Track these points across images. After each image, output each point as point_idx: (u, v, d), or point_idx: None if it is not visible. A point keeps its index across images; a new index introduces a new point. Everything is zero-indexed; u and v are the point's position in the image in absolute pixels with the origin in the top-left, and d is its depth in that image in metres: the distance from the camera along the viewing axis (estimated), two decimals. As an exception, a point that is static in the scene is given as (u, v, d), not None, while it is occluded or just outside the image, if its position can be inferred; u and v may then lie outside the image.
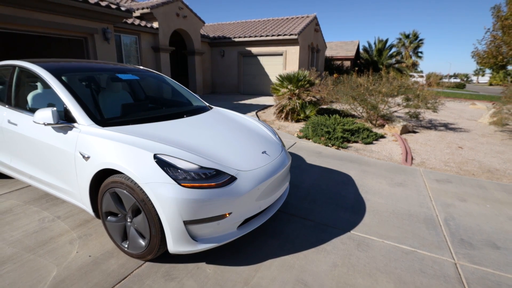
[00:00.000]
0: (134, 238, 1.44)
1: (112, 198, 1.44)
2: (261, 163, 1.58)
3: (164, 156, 1.34)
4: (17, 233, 1.69)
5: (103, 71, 2.23)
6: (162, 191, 1.25)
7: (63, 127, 1.60)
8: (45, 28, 4.52)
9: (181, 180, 1.28)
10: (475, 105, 9.10)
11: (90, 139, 1.49)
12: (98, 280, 1.33)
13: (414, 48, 27.60)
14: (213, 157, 1.45)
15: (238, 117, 2.25)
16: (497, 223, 1.98)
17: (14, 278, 1.34)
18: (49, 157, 1.67)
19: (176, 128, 1.70)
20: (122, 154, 1.37)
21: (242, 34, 10.26)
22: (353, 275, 1.43)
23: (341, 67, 14.63)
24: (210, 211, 1.30)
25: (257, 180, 1.46)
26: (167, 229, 1.29)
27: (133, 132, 1.52)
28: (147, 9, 7.38)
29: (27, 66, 1.90)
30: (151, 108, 2.32)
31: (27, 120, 1.78)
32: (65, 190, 1.68)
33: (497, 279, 1.43)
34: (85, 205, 1.60)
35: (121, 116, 1.84)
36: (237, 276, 1.39)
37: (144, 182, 1.28)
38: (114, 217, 1.51)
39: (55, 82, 1.71)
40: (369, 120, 5.40)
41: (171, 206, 1.25)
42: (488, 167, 3.27)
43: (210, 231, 1.35)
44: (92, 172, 1.45)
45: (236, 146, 1.67)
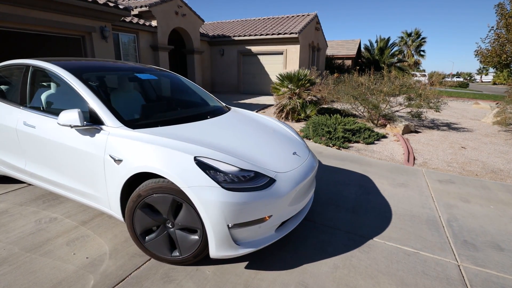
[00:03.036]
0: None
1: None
2: (295, 164, 1.55)
3: (204, 159, 1.30)
4: (13, 235, 1.68)
5: (121, 70, 2.18)
6: (206, 194, 1.22)
7: (89, 129, 1.52)
8: (42, 27, 4.50)
9: (224, 183, 1.25)
10: (479, 104, 9.03)
11: (121, 141, 1.43)
12: (95, 282, 1.32)
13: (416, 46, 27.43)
14: (249, 159, 1.41)
15: (259, 117, 2.23)
16: (501, 224, 1.95)
17: (9, 280, 1.32)
18: (73, 161, 1.58)
19: (205, 130, 1.66)
20: (161, 157, 1.32)
21: (242, 33, 10.21)
22: (355, 277, 1.40)
23: (342, 66, 14.55)
24: (253, 214, 1.28)
25: (294, 182, 1.44)
26: (211, 234, 1.25)
27: (165, 134, 1.47)
28: (145, 7, 7.35)
29: (44, 66, 1.82)
30: (172, 108, 2.25)
31: (47, 122, 1.70)
32: (89, 195, 1.60)
33: (501, 281, 1.40)
34: (113, 210, 1.53)
35: (147, 117, 1.79)
36: (237, 278, 1.37)
37: (187, 186, 1.24)
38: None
39: (77, 83, 1.64)
40: (370, 119, 5.36)
41: (215, 210, 1.21)
42: (492, 168, 3.23)
43: (251, 235, 1.32)
44: (126, 176, 1.38)
45: (266, 147, 1.64)
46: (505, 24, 8.94)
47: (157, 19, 7.64)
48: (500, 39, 9.25)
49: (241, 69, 10.67)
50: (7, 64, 2.08)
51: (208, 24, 12.69)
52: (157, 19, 7.64)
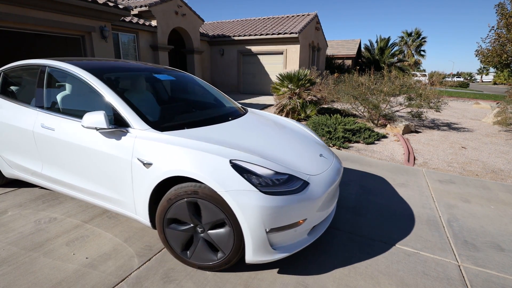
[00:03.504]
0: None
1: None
2: (324, 166, 1.53)
3: (240, 162, 1.27)
4: (12, 235, 1.67)
5: (138, 71, 2.12)
6: (245, 199, 1.19)
7: (115, 132, 1.48)
8: (41, 26, 4.49)
9: (261, 186, 1.23)
10: (479, 104, 9.02)
11: (150, 144, 1.38)
12: (95, 283, 1.31)
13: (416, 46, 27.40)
14: (280, 162, 1.38)
15: (278, 118, 2.20)
16: (501, 225, 1.95)
17: (9, 280, 1.32)
18: (96, 164, 1.54)
19: (230, 132, 1.63)
20: (195, 160, 1.28)
21: (242, 33, 10.20)
22: (355, 277, 1.40)
23: (342, 66, 14.54)
24: (290, 218, 1.26)
25: (325, 184, 1.42)
26: (248, 239, 1.23)
27: (194, 136, 1.43)
28: (145, 7, 7.34)
29: (62, 66, 1.76)
30: (192, 110, 2.16)
31: (67, 124, 1.64)
32: (113, 200, 1.56)
33: (502, 282, 1.40)
34: (139, 215, 1.48)
35: (171, 119, 1.75)
36: (237, 278, 1.37)
37: (224, 190, 1.21)
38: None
39: (99, 84, 1.60)
40: (370, 119, 5.36)
41: (254, 215, 1.19)
42: (492, 168, 3.22)
43: (286, 239, 1.30)
44: (156, 180, 1.34)
45: (293, 149, 1.61)
46: (506, 24, 8.93)
47: (157, 19, 7.64)
48: (501, 39, 9.24)
49: (241, 69, 10.66)
50: (19, 65, 2.02)
51: (208, 24, 12.69)
52: (157, 19, 7.64)
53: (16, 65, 2.05)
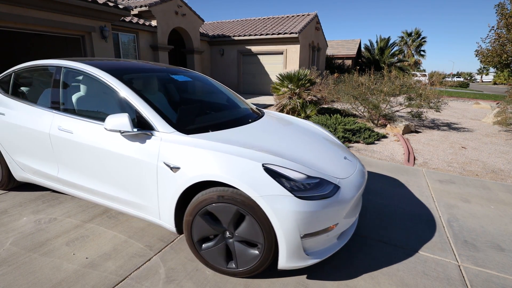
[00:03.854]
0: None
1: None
2: (350, 170, 1.50)
3: (272, 166, 1.24)
4: (12, 235, 1.67)
5: (156, 72, 2.07)
6: (280, 204, 1.16)
7: (138, 135, 1.43)
8: (41, 26, 4.49)
9: (295, 191, 1.20)
10: (479, 104, 9.02)
11: (177, 148, 1.34)
12: (95, 283, 1.31)
13: (416, 46, 27.41)
14: (310, 165, 1.35)
15: (297, 121, 2.16)
16: (501, 225, 1.95)
17: (9, 281, 1.32)
18: (118, 168, 1.49)
19: (254, 135, 1.59)
20: (226, 164, 1.24)
21: (242, 33, 10.20)
22: (355, 277, 1.40)
23: (342, 66, 14.53)
24: (323, 223, 1.23)
25: (355, 188, 1.39)
26: (283, 244, 1.20)
27: (220, 139, 1.39)
28: (145, 7, 7.34)
29: (79, 67, 1.71)
30: (212, 112, 2.10)
31: (86, 126, 1.59)
32: (135, 204, 1.51)
33: (502, 282, 1.40)
34: (163, 220, 1.44)
35: (194, 121, 1.70)
36: (237, 278, 1.37)
37: (259, 195, 1.17)
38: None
39: (120, 85, 1.55)
40: (370, 119, 5.36)
41: (290, 220, 1.16)
42: (492, 168, 3.22)
43: (318, 244, 1.28)
44: (184, 184, 1.30)
45: (319, 152, 1.58)
46: (506, 24, 8.92)
47: (157, 19, 7.64)
48: (501, 39, 9.24)
49: (241, 69, 10.66)
50: (32, 65, 1.96)
51: (208, 24, 12.68)
52: (157, 19, 7.64)
53: (28, 65, 1.99)
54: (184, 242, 1.64)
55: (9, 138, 1.93)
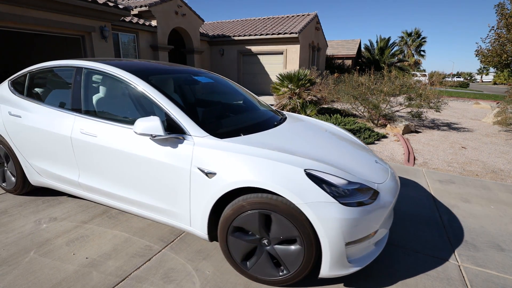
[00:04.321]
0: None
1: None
2: (384, 174, 1.45)
3: (315, 172, 1.20)
4: (12, 235, 1.67)
5: (178, 73, 2.00)
6: (325, 211, 1.12)
7: (169, 139, 1.37)
8: (41, 26, 4.50)
9: (339, 197, 1.16)
10: (479, 104, 9.03)
11: (212, 153, 1.29)
12: (95, 283, 1.31)
13: (416, 46, 27.42)
14: (347, 170, 1.31)
15: (320, 123, 2.11)
16: (501, 225, 1.95)
17: (9, 281, 1.32)
18: (147, 173, 1.43)
19: (285, 138, 1.53)
20: (267, 170, 1.19)
21: (242, 33, 10.20)
22: (349, 277, 1.40)
23: (342, 66, 14.53)
24: (367, 229, 1.20)
25: (392, 192, 1.35)
26: (327, 253, 1.16)
27: (255, 143, 1.35)
28: (145, 7, 7.34)
29: (102, 68, 1.64)
30: (237, 114, 2.00)
31: (112, 130, 1.52)
32: (163, 210, 1.46)
33: (502, 282, 1.40)
34: (195, 227, 1.39)
35: (224, 125, 1.65)
36: (237, 278, 1.37)
37: (304, 202, 1.13)
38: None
39: (147, 87, 1.49)
40: (370, 119, 5.36)
41: (335, 228, 1.13)
42: (492, 168, 3.22)
43: (359, 251, 1.24)
44: (221, 191, 1.25)
45: (350, 156, 1.52)
46: (506, 24, 8.93)
47: (157, 19, 7.64)
48: (501, 39, 9.25)
49: (241, 69, 10.66)
50: (50, 65, 1.88)
51: (208, 24, 12.68)
52: (157, 19, 7.64)
53: (44, 66, 1.91)
54: (184, 242, 1.64)
55: (26, 142, 1.85)
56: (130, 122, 1.50)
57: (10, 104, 1.94)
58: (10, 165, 2.04)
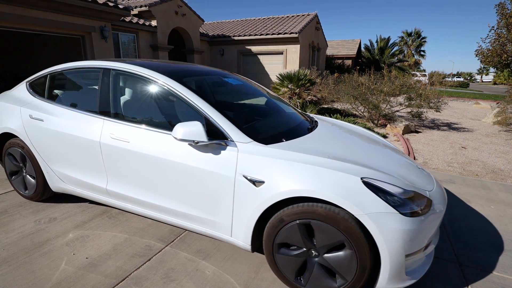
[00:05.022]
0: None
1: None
2: (431, 180, 1.39)
3: (371, 180, 1.13)
4: (12, 235, 1.67)
5: (210, 74, 1.92)
6: (386, 222, 1.06)
7: (210, 145, 1.31)
8: (41, 26, 4.49)
9: (397, 207, 1.09)
10: (479, 104, 9.03)
11: (260, 160, 1.22)
12: (95, 283, 1.31)
13: (416, 46, 27.43)
14: (398, 177, 1.23)
15: (352, 127, 2.04)
16: (501, 225, 1.95)
17: (9, 281, 1.32)
18: (185, 181, 1.36)
19: (326, 144, 1.47)
20: (321, 179, 1.13)
21: (242, 33, 10.20)
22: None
23: (342, 66, 14.53)
24: (424, 239, 1.14)
25: (442, 200, 1.29)
26: (386, 265, 1.09)
27: (303, 149, 1.28)
28: (145, 7, 7.34)
29: (132, 69, 1.56)
30: (271, 118, 1.89)
31: (147, 135, 1.44)
32: (201, 220, 1.39)
33: (502, 282, 1.40)
34: (236, 237, 1.32)
35: (265, 129, 1.57)
36: (237, 278, 1.37)
37: (364, 213, 1.07)
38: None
39: (184, 90, 1.41)
40: (370, 119, 5.36)
41: (396, 239, 1.06)
42: (492, 168, 3.22)
43: (414, 263, 1.18)
44: (270, 200, 1.18)
45: (393, 162, 1.44)
46: (506, 24, 8.93)
47: (157, 19, 7.64)
48: (501, 39, 9.24)
49: (241, 69, 10.66)
50: (73, 67, 1.79)
51: (208, 24, 12.68)
52: (157, 19, 7.64)
53: (67, 67, 1.82)
54: (184, 242, 1.64)
55: (48, 147, 1.76)
56: (165, 126, 1.43)
57: (30, 107, 1.85)
58: (29, 170, 1.94)
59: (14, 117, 1.90)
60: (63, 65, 1.87)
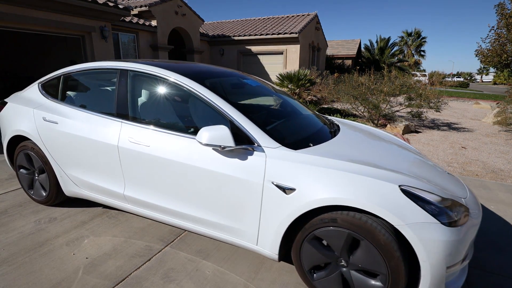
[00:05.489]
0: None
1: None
2: (463, 186, 1.33)
3: (410, 188, 1.07)
4: (12, 235, 1.67)
5: (230, 76, 1.85)
6: (427, 233, 1.00)
7: (236, 151, 1.25)
8: (41, 26, 4.49)
9: (438, 216, 1.03)
10: (479, 104, 9.03)
11: (291, 166, 1.17)
12: (95, 283, 1.31)
13: (416, 46, 27.46)
14: (434, 184, 1.18)
15: (377, 131, 1.97)
16: (501, 225, 1.95)
17: (9, 281, 1.32)
18: (210, 187, 1.31)
19: (355, 148, 1.40)
20: (360, 187, 1.07)
21: (242, 33, 10.21)
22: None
23: (342, 66, 14.54)
24: (463, 250, 1.08)
25: (477, 207, 1.23)
26: (427, 279, 1.04)
27: (333, 155, 1.22)
28: (145, 7, 7.34)
29: (151, 71, 1.50)
30: (294, 121, 1.80)
31: (168, 139, 1.39)
32: (225, 227, 1.34)
33: (501, 282, 1.40)
34: (262, 246, 1.26)
35: (291, 134, 1.50)
36: (237, 278, 1.37)
37: (404, 224, 1.01)
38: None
39: (208, 93, 1.36)
40: (370, 119, 5.36)
41: (439, 251, 1.00)
42: (492, 168, 3.22)
43: (452, 275, 1.12)
44: (302, 209, 1.12)
45: (423, 167, 1.37)
46: (506, 24, 8.93)
47: (157, 19, 7.64)
48: (501, 39, 9.25)
49: (241, 69, 10.66)
50: (88, 67, 1.74)
51: (208, 24, 12.69)
52: (157, 19, 7.64)
53: (81, 67, 1.76)
54: (184, 242, 1.64)
55: (63, 150, 1.70)
56: (188, 130, 1.39)
57: (43, 109, 1.80)
58: (42, 174, 1.89)
59: (27, 120, 1.84)
60: (77, 66, 1.81)
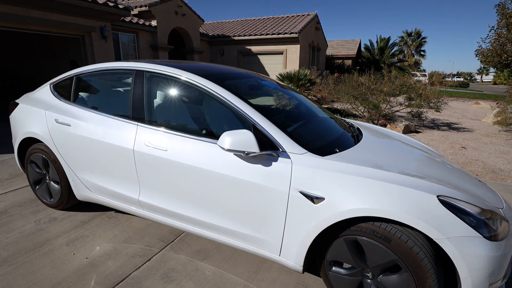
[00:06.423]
0: None
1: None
2: (498, 196, 1.26)
3: (448, 199, 1.00)
4: (12, 235, 1.67)
5: (248, 78, 1.78)
6: (469, 247, 0.93)
7: (259, 156, 1.19)
8: (42, 26, 4.49)
9: (479, 229, 0.97)
10: (479, 104, 9.02)
11: (318, 174, 1.10)
12: (95, 283, 1.31)
13: (416, 46, 27.45)
14: (471, 194, 1.12)
15: (391, 133, 1.89)
16: (501, 225, 1.95)
17: (9, 281, 1.32)
18: (231, 194, 1.24)
19: (382, 155, 1.32)
20: (396, 197, 1.00)
21: (242, 33, 10.21)
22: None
23: (342, 66, 14.54)
24: (505, 265, 1.01)
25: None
26: None
27: (362, 162, 1.16)
28: (145, 7, 7.34)
29: (168, 72, 1.44)
30: (316, 126, 1.71)
31: (186, 144, 1.33)
32: (245, 236, 1.27)
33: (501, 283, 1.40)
34: (286, 257, 1.20)
35: (316, 139, 1.42)
36: (237, 278, 1.37)
37: (445, 237, 0.94)
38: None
39: (230, 96, 1.30)
40: (370, 119, 5.36)
41: (482, 267, 0.94)
42: (492, 168, 3.22)
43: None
44: (331, 219, 1.06)
45: (454, 175, 1.29)
46: (506, 23, 8.94)
47: (157, 19, 7.64)
48: (501, 38, 9.26)
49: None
50: (101, 68, 1.68)
51: (208, 24, 12.69)
52: (157, 19, 7.64)
53: (94, 68, 1.71)
54: (184, 242, 1.64)
55: (76, 153, 1.65)
56: (208, 135, 1.34)
57: (56, 111, 1.74)
58: (53, 177, 1.84)
59: (38, 121, 1.79)
60: (90, 66, 1.76)
